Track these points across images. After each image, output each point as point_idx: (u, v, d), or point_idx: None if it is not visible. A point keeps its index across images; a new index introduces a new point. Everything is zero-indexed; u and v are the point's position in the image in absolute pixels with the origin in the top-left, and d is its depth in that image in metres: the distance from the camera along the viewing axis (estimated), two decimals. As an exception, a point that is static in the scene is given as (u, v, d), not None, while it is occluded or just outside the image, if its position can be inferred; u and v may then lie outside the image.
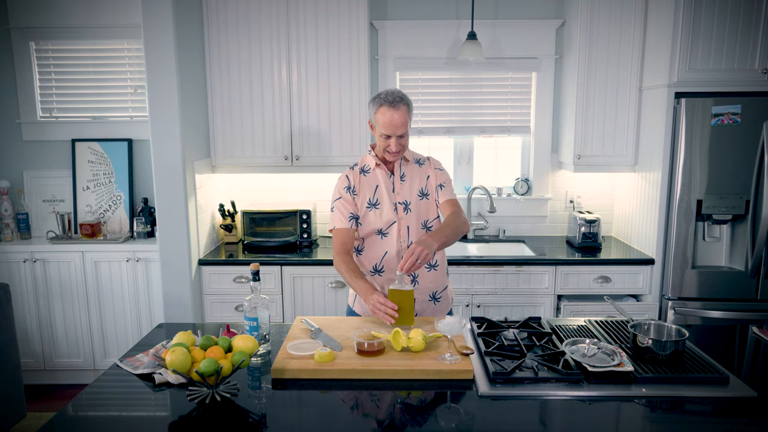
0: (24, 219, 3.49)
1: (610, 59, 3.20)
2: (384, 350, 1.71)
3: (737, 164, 2.88)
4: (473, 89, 3.58)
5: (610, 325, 1.98)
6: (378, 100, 2.07)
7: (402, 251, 2.16)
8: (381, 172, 2.19)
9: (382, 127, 2.06)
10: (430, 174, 2.22)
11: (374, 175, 2.19)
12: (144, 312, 3.38)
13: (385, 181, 2.18)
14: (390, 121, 2.04)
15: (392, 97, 2.05)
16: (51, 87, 3.59)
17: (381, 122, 2.06)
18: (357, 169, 2.22)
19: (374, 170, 2.19)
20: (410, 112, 2.10)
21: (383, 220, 2.15)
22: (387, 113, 2.04)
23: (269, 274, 3.13)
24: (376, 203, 2.17)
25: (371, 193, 2.18)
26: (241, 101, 3.29)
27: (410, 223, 2.17)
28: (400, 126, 2.05)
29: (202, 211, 3.25)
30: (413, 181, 2.20)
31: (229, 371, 1.47)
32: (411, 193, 2.18)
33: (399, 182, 2.19)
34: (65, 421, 1.43)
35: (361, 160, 2.25)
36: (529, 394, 1.52)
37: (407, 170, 2.21)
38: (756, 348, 1.89)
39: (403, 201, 2.17)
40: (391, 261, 2.18)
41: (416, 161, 2.24)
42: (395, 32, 3.49)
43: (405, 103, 2.07)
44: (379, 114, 2.06)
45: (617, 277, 3.11)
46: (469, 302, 3.13)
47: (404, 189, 2.19)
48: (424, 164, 2.24)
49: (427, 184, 2.21)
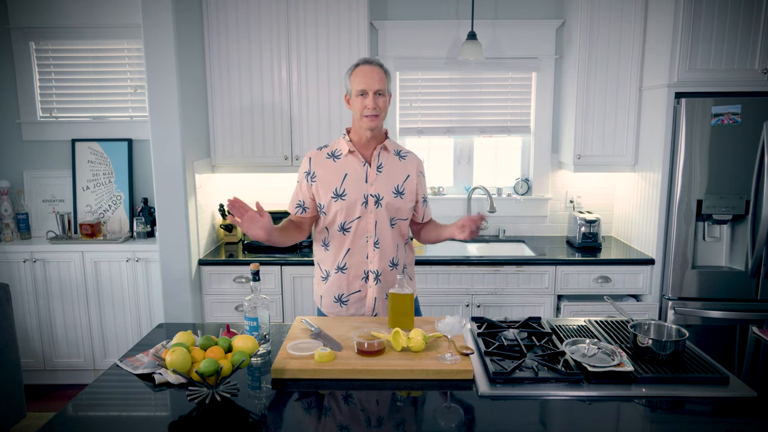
0: (24, 219, 3.49)
1: (610, 59, 3.20)
2: (384, 350, 1.71)
3: (737, 164, 2.88)
4: (473, 89, 3.58)
5: (610, 325, 1.98)
6: (353, 65, 2.01)
7: (366, 250, 2.07)
8: (353, 159, 2.04)
9: (356, 84, 1.95)
10: (411, 174, 2.10)
11: (344, 162, 2.05)
12: (144, 312, 3.38)
13: (357, 170, 2.04)
14: (365, 74, 1.94)
15: (368, 58, 2.02)
16: (51, 87, 3.59)
17: (355, 80, 1.96)
18: (325, 151, 2.08)
19: (346, 156, 2.05)
20: (388, 77, 2.01)
21: (346, 213, 2.03)
22: (362, 68, 1.97)
23: (269, 274, 3.13)
24: (342, 194, 2.02)
25: (338, 182, 2.03)
26: (241, 101, 3.29)
27: (379, 218, 2.05)
28: (376, 81, 1.94)
29: (202, 211, 3.25)
30: (390, 175, 2.06)
31: (229, 371, 1.47)
32: (386, 188, 2.04)
33: (375, 172, 2.05)
34: (65, 421, 1.43)
35: (332, 144, 2.12)
36: (529, 394, 1.52)
37: (385, 161, 2.07)
38: (756, 348, 1.89)
39: (376, 194, 2.03)
40: (354, 259, 2.08)
41: (396, 153, 2.11)
42: (395, 32, 3.49)
43: (380, 64, 2.00)
44: (354, 73, 1.98)
45: (617, 277, 3.11)
46: (469, 302, 3.13)
47: (380, 181, 2.04)
48: (405, 158, 2.12)
49: (405, 183, 2.08)
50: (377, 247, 2.08)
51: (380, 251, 2.09)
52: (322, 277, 2.17)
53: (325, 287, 2.15)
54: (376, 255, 2.08)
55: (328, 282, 2.13)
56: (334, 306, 2.15)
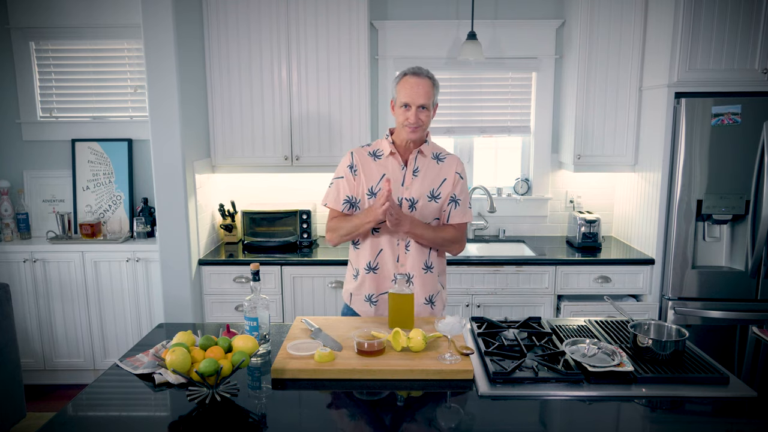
0: (24, 219, 3.49)
1: (610, 59, 3.20)
2: (384, 350, 1.71)
3: (737, 164, 2.88)
4: (473, 89, 3.58)
5: (610, 325, 1.98)
6: (402, 72, 1.99)
7: (397, 252, 2.08)
8: (393, 161, 2.06)
9: (402, 96, 1.96)
10: (448, 177, 2.07)
11: (385, 162, 2.06)
12: (144, 312, 3.38)
13: (395, 171, 2.05)
14: (411, 87, 1.94)
15: (418, 68, 1.98)
16: (51, 87, 3.59)
17: (401, 91, 1.96)
18: (367, 149, 2.10)
19: (386, 157, 2.06)
20: (435, 89, 1.99)
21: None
22: (410, 80, 1.95)
23: (269, 274, 3.13)
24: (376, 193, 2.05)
25: (375, 181, 2.04)
26: (241, 101, 3.29)
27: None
28: (422, 95, 1.94)
29: (202, 211, 3.25)
30: (425, 178, 2.06)
31: (229, 371, 1.47)
32: (421, 191, 2.05)
33: (411, 176, 2.05)
34: (65, 421, 1.43)
35: (375, 143, 2.12)
36: (529, 394, 1.52)
37: (422, 165, 2.06)
38: (756, 348, 1.89)
39: (410, 198, 2.04)
40: (385, 259, 2.08)
41: (435, 156, 2.09)
42: (395, 32, 3.49)
43: (430, 76, 1.98)
44: (401, 83, 1.97)
45: (617, 277, 3.11)
46: (469, 302, 3.13)
47: (415, 185, 2.05)
48: (444, 160, 2.09)
49: (441, 186, 2.06)
50: (408, 250, 2.08)
51: (411, 254, 2.08)
52: (353, 275, 2.17)
53: (355, 285, 2.15)
54: (408, 258, 2.09)
55: (359, 280, 2.14)
56: (364, 305, 2.14)
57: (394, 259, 2.09)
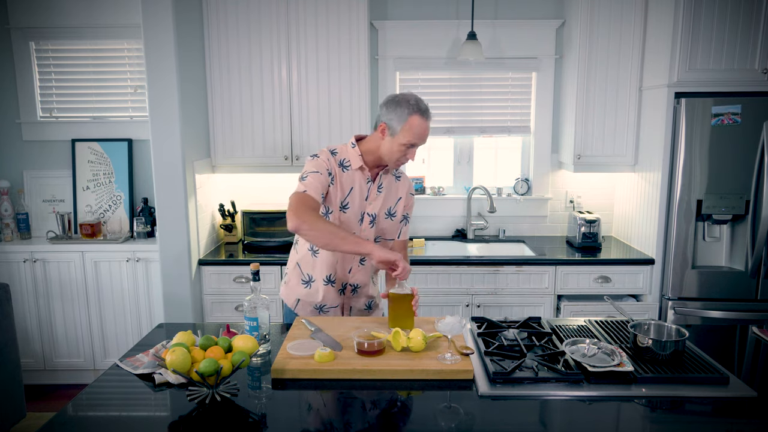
0: (24, 219, 3.49)
1: (610, 59, 3.20)
2: (384, 350, 1.71)
3: (737, 164, 2.88)
4: (473, 89, 3.58)
5: (610, 325, 1.98)
6: (408, 106, 1.91)
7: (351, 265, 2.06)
8: (360, 174, 2.01)
9: (412, 136, 1.91)
10: (403, 196, 2.11)
11: (352, 175, 2.00)
12: (144, 312, 3.38)
13: (362, 186, 2.02)
14: (423, 131, 1.93)
15: (423, 105, 1.94)
16: (51, 87, 3.59)
17: (412, 132, 1.91)
18: (336, 158, 2.00)
19: (355, 170, 2.01)
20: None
21: (346, 226, 2.01)
22: (422, 123, 1.92)
23: (269, 274, 3.13)
24: (346, 206, 2.01)
25: (344, 194, 2.00)
26: (241, 101, 3.29)
27: (369, 237, 2.05)
28: (427, 136, 1.96)
29: (202, 211, 3.25)
30: (387, 196, 2.07)
31: (229, 371, 1.47)
32: (381, 208, 2.05)
33: (375, 192, 2.04)
34: (65, 421, 1.43)
35: (340, 151, 2.02)
36: (529, 394, 1.52)
37: (386, 182, 2.07)
38: (756, 348, 1.89)
39: (372, 213, 2.04)
40: (340, 272, 2.06)
41: (394, 174, 2.12)
42: (395, 32, 3.49)
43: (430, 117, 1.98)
44: (411, 122, 1.91)
45: (617, 277, 3.11)
46: (469, 302, 3.13)
47: (378, 201, 2.04)
48: (399, 179, 2.12)
49: (396, 205, 2.10)
50: (362, 263, 2.10)
51: (364, 268, 2.11)
52: (302, 280, 2.11)
53: (306, 293, 2.11)
54: (360, 270, 2.10)
55: (312, 288, 2.10)
56: (313, 312, 2.13)
57: (346, 270, 2.09)
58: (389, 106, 1.95)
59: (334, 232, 1.83)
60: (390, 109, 1.94)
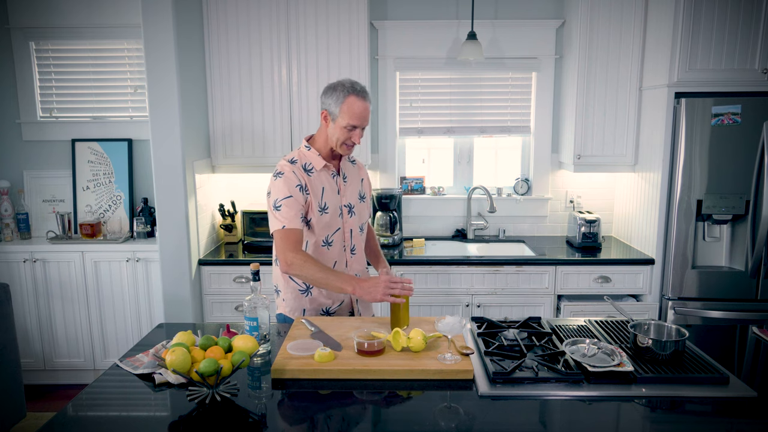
0: (24, 219, 3.49)
1: (610, 59, 3.20)
2: (384, 350, 1.71)
3: (737, 164, 2.88)
4: (473, 89, 3.58)
5: (610, 325, 1.98)
6: (344, 89, 1.94)
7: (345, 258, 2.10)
8: (325, 172, 2.04)
9: (351, 118, 1.94)
10: (364, 177, 2.22)
11: (318, 176, 2.02)
12: (144, 312, 3.38)
13: (330, 182, 2.05)
14: (362, 111, 1.95)
15: (359, 86, 1.97)
16: (51, 87, 3.59)
17: (350, 112, 1.94)
18: (299, 165, 2.00)
19: (320, 171, 2.02)
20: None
21: (329, 226, 2.03)
22: (359, 103, 1.94)
23: (269, 274, 3.11)
24: (325, 208, 2.02)
25: (319, 197, 2.00)
26: (241, 101, 3.29)
27: (353, 226, 2.10)
28: (367, 117, 1.98)
29: (202, 211, 3.25)
30: (353, 182, 2.13)
31: (229, 371, 1.47)
32: (353, 195, 2.11)
33: (343, 183, 2.09)
34: (65, 421, 1.43)
35: (299, 157, 2.02)
36: (529, 394, 1.52)
37: (346, 169, 2.13)
38: (756, 348, 1.89)
39: (348, 204, 2.09)
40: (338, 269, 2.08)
41: (349, 159, 2.18)
42: (395, 32, 3.49)
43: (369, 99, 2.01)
44: (348, 103, 1.93)
45: (617, 277, 3.11)
46: (469, 302, 3.13)
47: (348, 190, 2.10)
48: (355, 163, 2.20)
49: (362, 187, 2.18)
50: (354, 253, 2.15)
51: (356, 257, 2.16)
52: (300, 290, 2.09)
53: (308, 300, 2.10)
54: (354, 261, 2.16)
55: (312, 296, 2.09)
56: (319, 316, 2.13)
57: (342, 266, 2.12)
58: (327, 93, 1.99)
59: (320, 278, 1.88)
60: (327, 95, 1.99)
